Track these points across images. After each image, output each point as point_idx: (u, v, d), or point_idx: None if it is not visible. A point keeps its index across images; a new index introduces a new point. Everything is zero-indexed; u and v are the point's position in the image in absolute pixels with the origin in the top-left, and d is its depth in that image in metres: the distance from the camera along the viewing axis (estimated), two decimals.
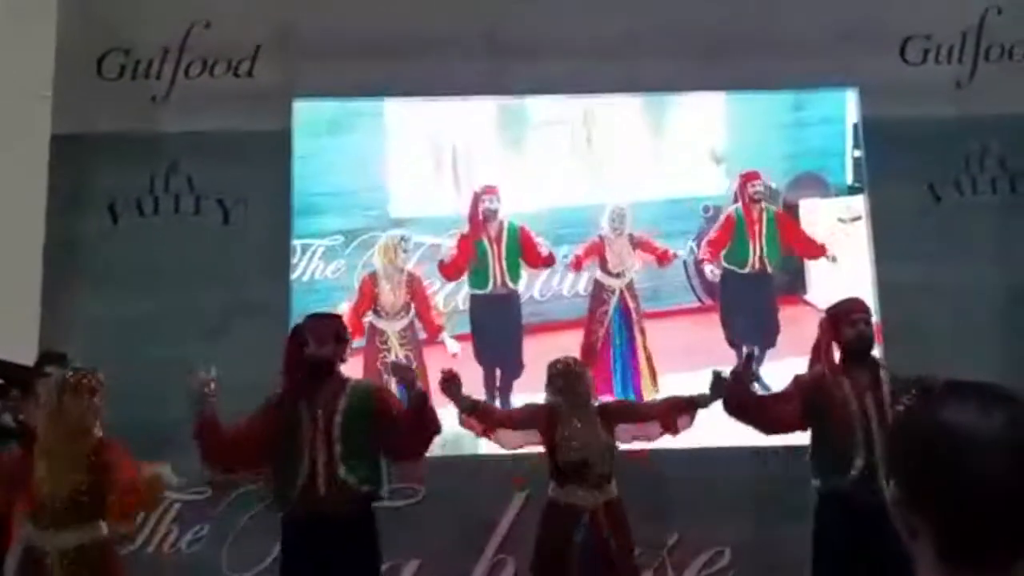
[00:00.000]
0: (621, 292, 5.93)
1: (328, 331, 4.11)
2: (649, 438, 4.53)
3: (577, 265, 5.93)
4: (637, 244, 5.95)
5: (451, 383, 4.33)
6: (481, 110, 6.18)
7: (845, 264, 6.00)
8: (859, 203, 6.06)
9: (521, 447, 4.57)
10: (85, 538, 3.54)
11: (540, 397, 4.60)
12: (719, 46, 5.98)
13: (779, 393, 4.32)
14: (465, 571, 5.40)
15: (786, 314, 5.84)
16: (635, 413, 4.57)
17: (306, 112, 6.01)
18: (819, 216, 6.09)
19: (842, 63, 5.98)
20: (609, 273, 5.95)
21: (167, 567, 4.95)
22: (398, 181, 6.05)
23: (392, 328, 5.79)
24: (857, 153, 6.10)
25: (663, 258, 5.95)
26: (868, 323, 4.17)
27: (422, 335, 5.81)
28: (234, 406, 4.22)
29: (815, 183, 6.12)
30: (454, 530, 5.29)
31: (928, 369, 4.56)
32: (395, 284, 5.81)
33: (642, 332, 5.91)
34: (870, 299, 5.82)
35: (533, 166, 6.07)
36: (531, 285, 5.95)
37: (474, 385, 5.31)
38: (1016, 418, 0.97)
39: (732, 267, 5.95)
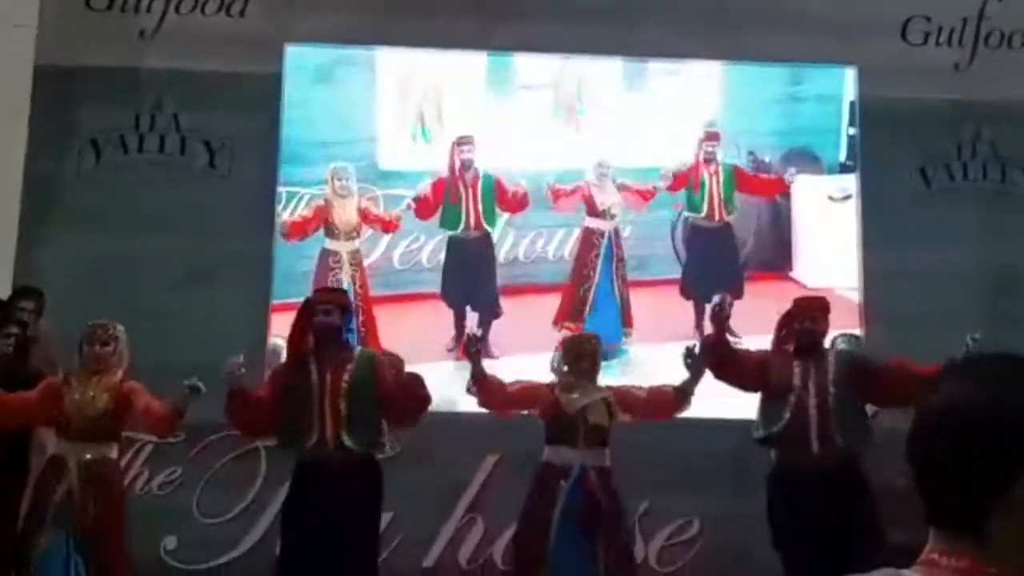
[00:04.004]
0: (610, 236, 5.93)
1: (333, 301, 4.44)
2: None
3: (557, 197, 5.88)
4: (620, 188, 5.95)
5: (473, 345, 4.50)
6: (471, 65, 6.09)
7: (832, 243, 6.00)
8: (850, 182, 6.05)
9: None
10: (100, 453, 4.21)
11: (524, 359, 4.66)
12: (720, 15, 5.92)
13: (743, 353, 4.70)
14: (436, 527, 5.42)
15: (772, 291, 5.84)
16: (634, 406, 4.58)
17: (297, 58, 5.91)
18: (809, 193, 6.07)
19: (843, 40, 5.94)
20: (597, 216, 5.93)
21: (139, 508, 4.91)
22: (387, 133, 5.98)
23: (344, 249, 5.80)
24: (852, 131, 6.08)
25: (645, 195, 5.96)
26: (815, 320, 4.52)
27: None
28: (211, 355, 4.21)
29: (807, 159, 6.10)
30: (428, 487, 5.29)
31: (907, 353, 4.62)
32: (344, 207, 5.82)
33: (623, 278, 5.92)
34: (854, 279, 5.86)
35: (520, 125, 6.00)
36: (516, 247, 5.92)
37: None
38: (984, 386, 0.97)
39: (691, 214, 6.00)
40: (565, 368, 4.50)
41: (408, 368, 4.53)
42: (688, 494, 5.37)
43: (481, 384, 4.49)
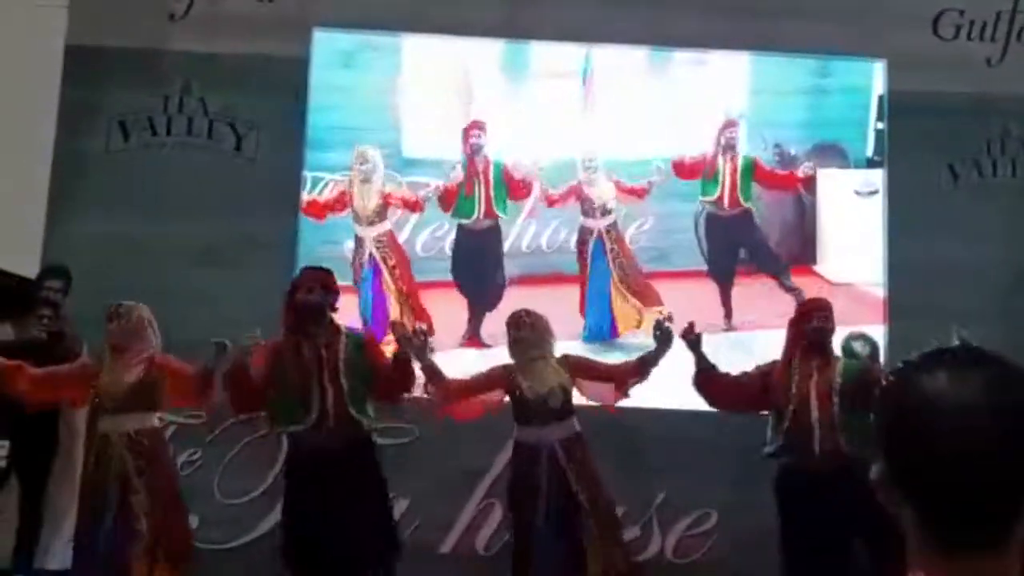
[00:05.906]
0: (599, 232, 5.89)
1: (316, 280, 4.45)
2: (605, 401, 4.72)
3: (551, 203, 5.88)
4: (615, 185, 5.92)
5: (418, 337, 4.46)
6: (495, 52, 6.07)
7: (857, 237, 5.95)
8: (877, 176, 5.99)
9: (482, 412, 4.69)
10: (140, 424, 4.35)
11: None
12: (747, 4, 5.87)
13: (742, 378, 4.68)
14: (453, 513, 5.45)
15: (796, 284, 5.83)
16: (592, 370, 4.70)
17: (325, 43, 5.91)
18: (835, 187, 6.02)
19: (873, 33, 5.88)
20: (588, 215, 5.92)
21: None
22: (411, 120, 5.97)
23: (368, 234, 5.81)
24: (879, 125, 6.01)
25: (639, 192, 5.91)
26: (826, 319, 4.58)
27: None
28: (234, 338, 4.26)
29: (834, 153, 6.05)
30: (446, 473, 5.32)
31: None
32: (366, 191, 5.82)
33: (622, 271, 5.89)
34: (880, 273, 5.82)
35: (542, 113, 5.97)
36: (539, 236, 5.91)
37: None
38: (993, 381, 0.92)
39: (706, 200, 5.95)
40: (516, 349, 4.60)
41: (430, 356, 4.59)
42: (705, 485, 5.37)
43: (433, 380, 4.53)
